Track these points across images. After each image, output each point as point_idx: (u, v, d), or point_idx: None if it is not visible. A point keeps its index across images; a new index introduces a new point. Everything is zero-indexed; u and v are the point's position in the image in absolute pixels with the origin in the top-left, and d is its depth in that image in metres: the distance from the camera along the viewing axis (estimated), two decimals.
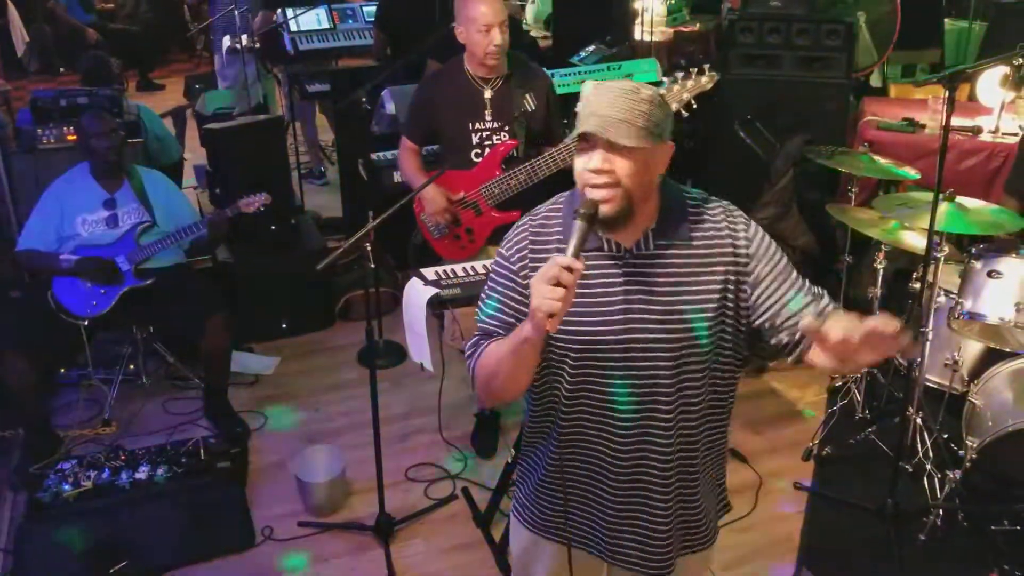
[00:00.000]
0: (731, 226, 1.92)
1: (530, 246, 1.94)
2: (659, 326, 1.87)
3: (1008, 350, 3.55)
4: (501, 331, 1.95)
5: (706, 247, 1.90)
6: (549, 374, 1.98)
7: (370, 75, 5.03)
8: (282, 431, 4.25)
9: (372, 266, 3.28)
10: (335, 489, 3.70)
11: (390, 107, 4.79)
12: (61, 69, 10.03)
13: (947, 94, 3.00)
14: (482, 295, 2.02)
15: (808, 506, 3.69)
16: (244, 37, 6.27)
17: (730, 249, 1.90)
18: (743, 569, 3.39)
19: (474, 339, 2.01)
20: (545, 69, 4.28)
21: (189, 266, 4.46)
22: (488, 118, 3.59)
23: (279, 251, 4.97)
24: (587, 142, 1.79)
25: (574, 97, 5.50)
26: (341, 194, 6.02)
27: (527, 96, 3.59)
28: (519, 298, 1.94)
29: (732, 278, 1.90)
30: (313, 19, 6.55)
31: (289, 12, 6.42)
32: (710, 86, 3.33)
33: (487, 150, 3.61)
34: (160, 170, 4.61)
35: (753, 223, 1.95)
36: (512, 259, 1.96)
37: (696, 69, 3.33)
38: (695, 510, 2.08)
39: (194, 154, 5.96)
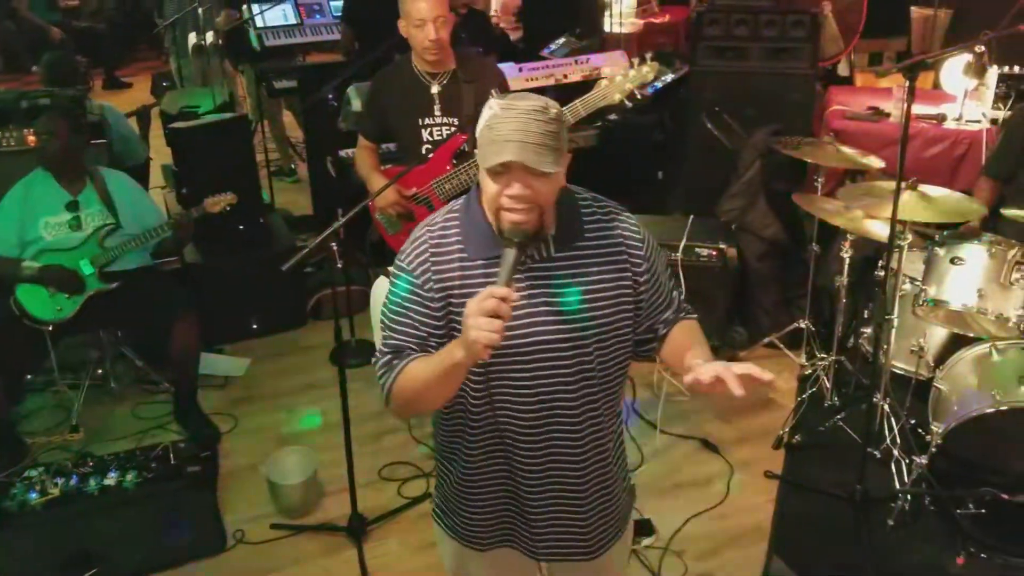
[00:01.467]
0: (623, 226, 1.99)
1: (431, 258, 1.92)
2: (560, 327, 1.91)
3: (972, 335, 3.58)
4: (413, 347, 1.93)
5: (601, 247, 1.95)
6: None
7: (337, 71, 5.00)
8: (253, 433, 4.22)
9: (339, 265, 3.27)
10: (308, 491, 3.69)
11: (356, 104, 4.77)
12: (33, 68, 9.89)
13: (908, 84, 3.02)
14: (384, 311, 1.99)
15: (779, 494, 3.72)
16: (209, 34, 6.23)
17: (623, 248, 1.97)
18: (714, 559, 3.41)
19: (385, 358, 1.97)
20: (513, 64, 4.30)
21: (156, 268, 4.41)
22: (437, 113, 3.58)
23: (248, 250, 4.93)
24: (503, 167, 1.78)
25: (541, 91, 5.50)
26: (311, 191, 5.99)
27: (492, 92, 3.57)
28: (428, 311, 1.92)
29: (628, 275, 1.97)
30: (280, 15, 6.51)
31: (255, 8, 6.37)
32: (651, 75, 3.33)
33: (438, 145, 3.60)
34: (126, 171, 4.56)
35: (644, 229, 2.02)
36: (415, 273, 1.93)
37: (639, 59, 3.34)
38: (611, 497, 2.13)
39: (159, 154, 5.89)
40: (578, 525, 2.10)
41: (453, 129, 3.59)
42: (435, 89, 3.55)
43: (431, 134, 3.60)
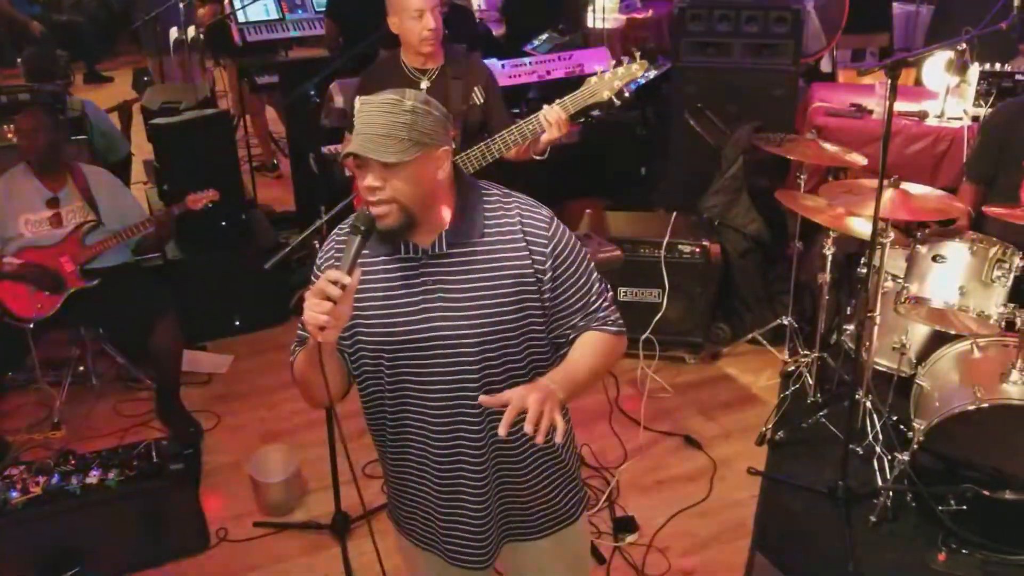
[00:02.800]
0: (528, 222, 1.97)
1: (335, 255, 1.99)
2: (458, 322, 1.93)
3: (953, 332, 3.60)
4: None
5: (500, 243, 1.95)
6: (369, 377, 2.02)
7: (320, 67, 4.97)
8: (236, 431, 4.20)
9: None
10: (291, 488, 3.68)
11: (339, 100, 4.74)
12: (18, 60, 9.80)
13: (890, 83, 3.03)
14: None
15: (762, 490, 3.73)
16: (191, 29, 6.18)
17: (524, 243, 1.95)
18: (698, 555, 3.43)
19: (294, 344, 2.07)
20: (496, 60, 4.28)
21: (137, 265, 4.39)
22: None
23: (230, 247, 4.91)
24: (359, 159, 1.82)
25: (523, 88, 5.51)
26: (293, 188, 5.96)
27: (475, 89, 3.56)
28: None
29: (529, 271, 1.95)
30: (261, 9, 6.46)
31: (236, 2, 6.32)
32: (640, 73, 3.33)
33: None
34: (108, 167, 4.54)
35: (557, 224, 2.00)
36: (322, 267, 2.01)
37: (628, 57, 3.33)
38: (521, 498, 2.12)
39: (141, 150, 5.85)
40: (477, 529, 2.08)
41: None
42: (424, 85, 3.53)
43: None
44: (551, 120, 3.22)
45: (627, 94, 3.37)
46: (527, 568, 2.25)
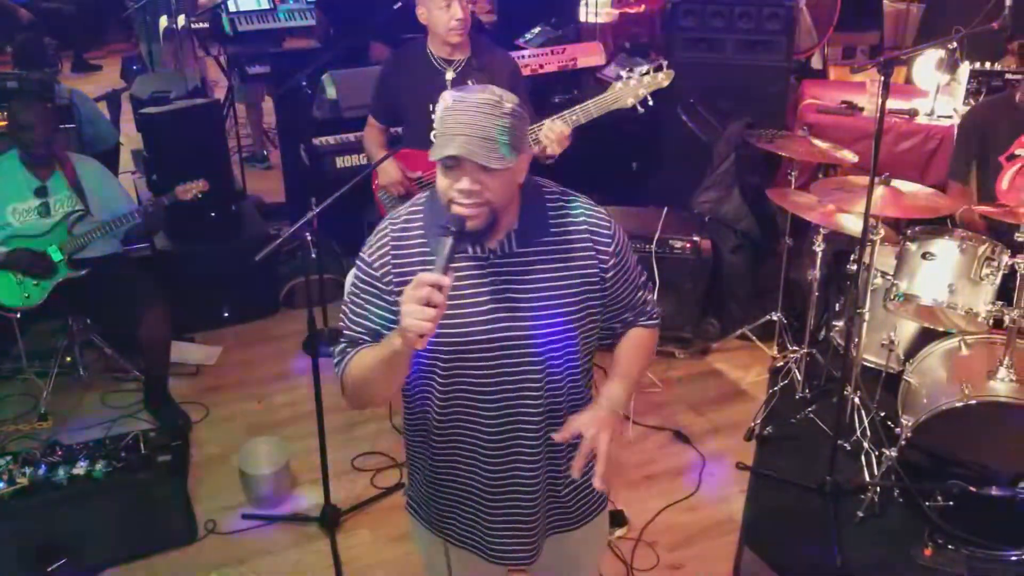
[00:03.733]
0: (592, 221, 1.96)
1: (392, 251, 1.92)
2: (526, 323, 1.90)
3: (942, 329, 3.62)
4: (367, 338, 1.93)
5: (566, 243, 1.93)
6: (420, 377, 1.98)
7: (310, 58, 4.95)
8: (225, 422, 4.19)
9: (312, 256, 3.24)
10: (279, 481, 3.67)
11: (331, 92, 4.72)
12: (8, 48, 9.72)
13: (882, 80, 3.04)
14: (346, 300, 1.99)
15: (750, 486, 3.75)
16: (181, 18, 6.15)
17: (590, 243, 1.94)
18: (686, 550, 3.44)
19: (341, 346, 1.99)
20: None
21: (126, 255, 4.36)
22: None
23: (219, 238, 4.88)
24: (452, 160, 1.76)
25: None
26: (284, 179, 5.94)
27: (503, 81, 3.56)
28: (384, 304, 1.91)
29: (594, 271, 1.95)
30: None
31: None
32: (666, 83, 3.36)
33: None
34: (96, 156, 4.50)
35: (615, 222, 2.00)
36: (375, 265, 1.93)
37: (655, 66, 3.35)
38: (561, 492, 2.12)
39: (129, 139, 5.81)
40: (527, 527, 2.07)
41: None
42: (449, 75, 3.53)
43: None
44: (551, 138, 3.24)
45: (650, 102, 3.38)
46: (562, 558, 2.22)
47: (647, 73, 3.35)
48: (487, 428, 1.97)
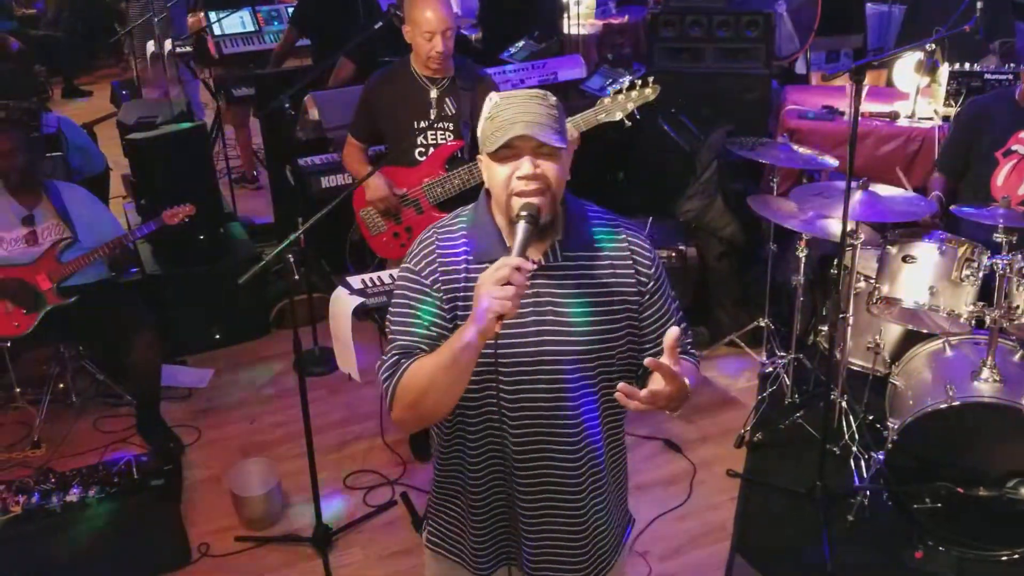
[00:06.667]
0: (634, 240, 1.97)
1: (439, 259, 1.91)
2: (569, 338, 1.89)
3: (925, 331, 3.64)
4: (424, 347, 1.88)
5: (610, 261, 1.93)
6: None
7: (294, 80, 4.98)
8: (217, 445, 4.20)
9: (296, 277, 3.27)
10: (271, 502, 3.68)
11: (314, 113, 4.75)
12: None
13: (855, 87, 3.06)
14: (392, 312, 1.97)
15: (741, 493, 3.76)
16: (168, 42, 6.18)
17: (631, 266, 1.94)
18: (678, 558, 3.45)
19: (392, 358, 1.90)
20: None
21: (115, 281, 4.38)
22: (433, 117, 3.61)
23: (208, 261, 4.89)
24: (510, 150, 1.80)
25: None
26: (272, 200, 5.97)
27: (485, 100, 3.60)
28: (439, 311, 1.89)
29: (634, 291, 1.94)
30: (237, 22, 6.47)
31: (212, 16, 6.33)
32: (653, 97, 3.40)
33: (431, 149, 3.63)
34: (85, 183, 4.53)
35: (654, 249, 2.00)
36: (423, 273, 1.92)
37: (640, 81, 3.40)
38: (607, 519, 2.08)
39: (119, 164, 5.84)
40: (573, 545, 2.04)
41: (449, 134, 3.62)
42: (434, 94, 3.59)
43: (426, 138, 3.64)
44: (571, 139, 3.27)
45: (637, 116, 3.43)
46: None
47: (633, 88, 3.39)
48: (521, 444, 1.94)
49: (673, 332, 1.73)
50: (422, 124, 3.61)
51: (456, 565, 2.15)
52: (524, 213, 1.78)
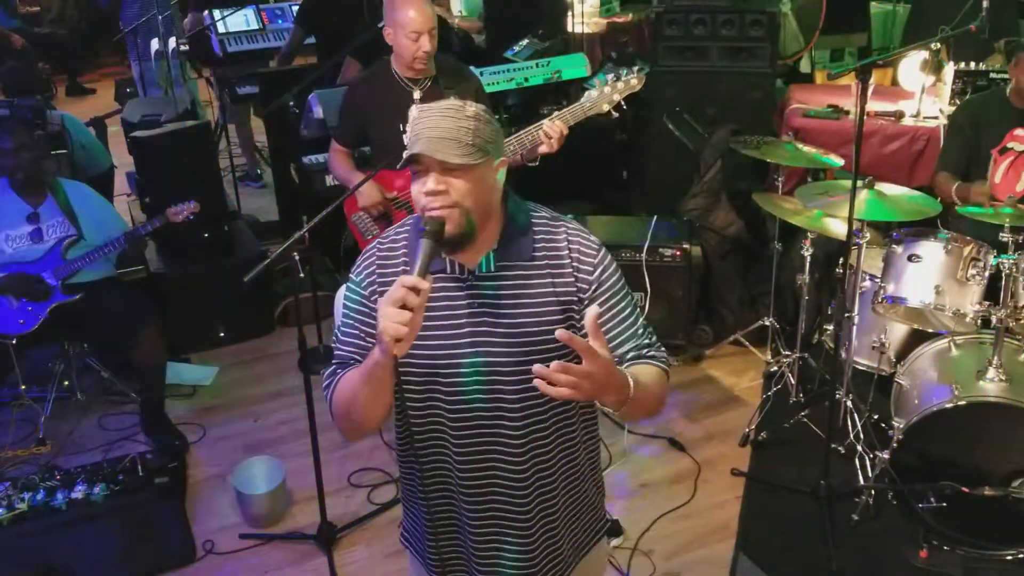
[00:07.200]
0: (575, 247, 1.91)
1: (378, 270, 1.92)
2: (505, 348, 1.86)
3: (931, 331, 3.63)
4: (358, 358, 1.89)
5: (548, 267, 1.89)
6: (401, 400, 1.93)
7: (299, 77, 4.98)
8: (222, 442, 4.20)
9: (301, 275, 3.27)
10: (276, 499, 3.69)
11: (318, 111, 4.75)
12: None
13: (860, 86, 3.06)
14: (339, 323, 1.98)
15: (745, 492, 3.76)
16: (172, 40, 6.18)
17: (572, 272, 1.89)
18: (683, 557, 3.45)
19: (331, 368, 1.95)
20: (474, 68, 4.31)
21: (119, 278, 4.38)
22: None
23: (213, 258, 4.90)
24: (419, 165, 1.78)
25: (503, 95, 5.52)
26: (276, 197, 5.97)
27: (468, 98, 3.59)
28: (373, 322, 1.84)
29: (575, 298, 1.89)
30: (241, 20, 6.46)
31: (217, 13, 6.33)
32: (639, 86, 3.38)
33: None
34: (90, 181, 4.54)
35: (606, 253, 1.94)
36: (362, 284, 1.93)
37: (626, 71, 3.38)
38: (557, 533, 2.04)
39: (123, 162, 5.85)
40: (522, 559, 2.01)
41: None
42: (417, 95, 3.56)
43: None
44: (552, 135, 3.27)
45: (624, 106, 3.42)
46: None
47: (619, 78, 3.38)
48: (462, 453, 1.93)
49: (592, 311, 1.68)
50: (407, 126, 3.59)
51: (418, 561, 2.16)
52: (427, 228, 1.75)
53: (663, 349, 2.01)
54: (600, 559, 2.27)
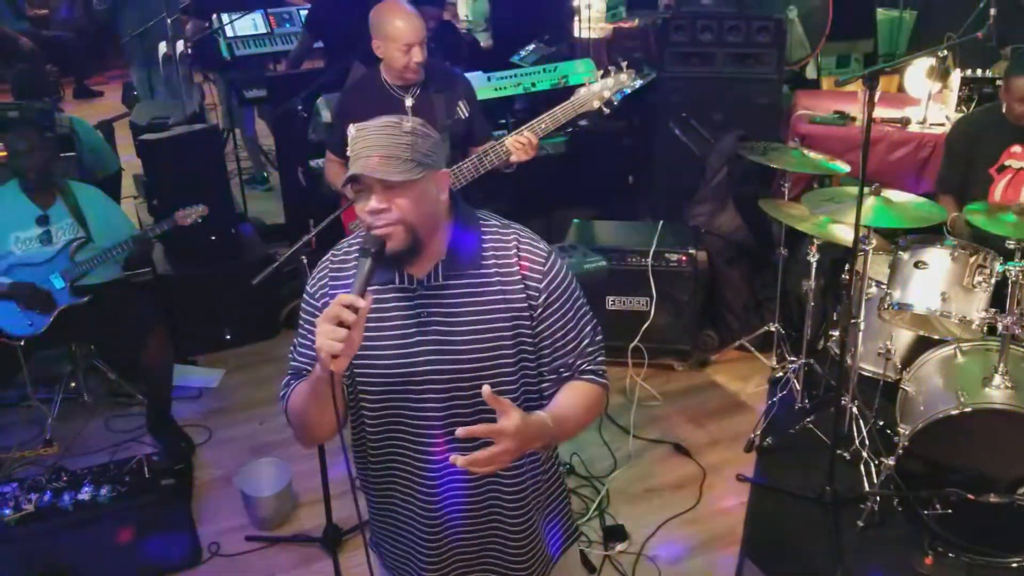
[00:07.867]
0: (524, 253, 1.91)
1: (330, 282, 1.93)
2: (454, 356, 1.87)
3: (937, 337, 3.63)
4: (310, 368, 1.90)
5: (498, 275, 1.89)
6: (354, 411, 1.96)
7: (307, 81, 5.01)
8: (228, 444, 4.22)
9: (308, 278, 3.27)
10: (282, 502, 3.69)
11: (326, 115, 4.77)
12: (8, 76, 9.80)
13: (868, 93, 3.07)
14: (296, 333, 2.00)
15: (750, 497, 3.76)
16: (180, 44, 6.20)
17: (520, 281, 1.90)
18: (688, 563, 3.45)
19: (286, 379, 1.99)
20: (482, 72, 4.32)
21: (127, 281, 4.40)
22: None
23: (220, 261, 4.92)
24: (360, 184, 1.78)
25: (509, 100, 5.52)
26: (283, 201, 5.99)
27: (460, 103, 3.60)
28: None
29: (524, 306, 1.90)
30: (249, 24, 6.49)
31: (225, 17, 6.35)
32: (629, 82, 3.38)
33: None
34: (98, 183, 4.55)
35: (556, 259, 1.94)
36: (315, 296, 1.95)
37: (615, 67, 3.39)
38: (513, 541, 2.04)
39: (131, 164, 5.87)
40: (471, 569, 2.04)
41: None
42: (409, 102, 3.55)
43: None
44: (518, 148, 3.29)
45: (615, 103, 3.42)
46: None
47: (608, 75, 3.39)
48: (417, 465, 1.94)
49: (485, 390, 1.70)
50: None
51: (384, 568, 2.19)
52: (367, 247, 1.76)
53: (602, 356, 2.01)
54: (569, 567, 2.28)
